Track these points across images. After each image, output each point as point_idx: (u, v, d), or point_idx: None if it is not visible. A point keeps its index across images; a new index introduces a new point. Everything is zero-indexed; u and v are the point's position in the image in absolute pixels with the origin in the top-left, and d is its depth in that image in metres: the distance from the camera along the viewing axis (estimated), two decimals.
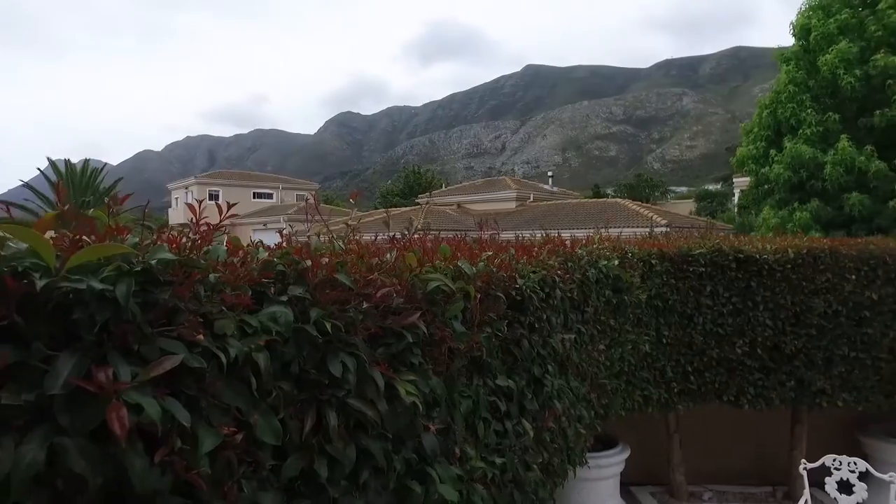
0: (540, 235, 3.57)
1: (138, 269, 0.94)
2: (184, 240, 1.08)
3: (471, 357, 1.82)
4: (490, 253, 2.08)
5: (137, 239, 0.99)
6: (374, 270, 1.43)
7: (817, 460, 3.95)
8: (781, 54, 13.98)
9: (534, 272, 2.38)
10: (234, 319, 1.01)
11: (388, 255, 1.59)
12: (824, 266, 4.68)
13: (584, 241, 3.78)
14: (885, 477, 3.84)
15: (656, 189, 55.12)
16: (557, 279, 2.60)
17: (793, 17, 14.04)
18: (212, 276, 1.05)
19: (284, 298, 1.17)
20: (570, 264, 2.92)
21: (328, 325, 1.18)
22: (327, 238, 1.63)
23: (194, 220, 1.12)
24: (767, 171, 12.94)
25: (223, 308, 1.03)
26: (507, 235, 3.96)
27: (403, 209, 25.63)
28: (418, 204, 32.94)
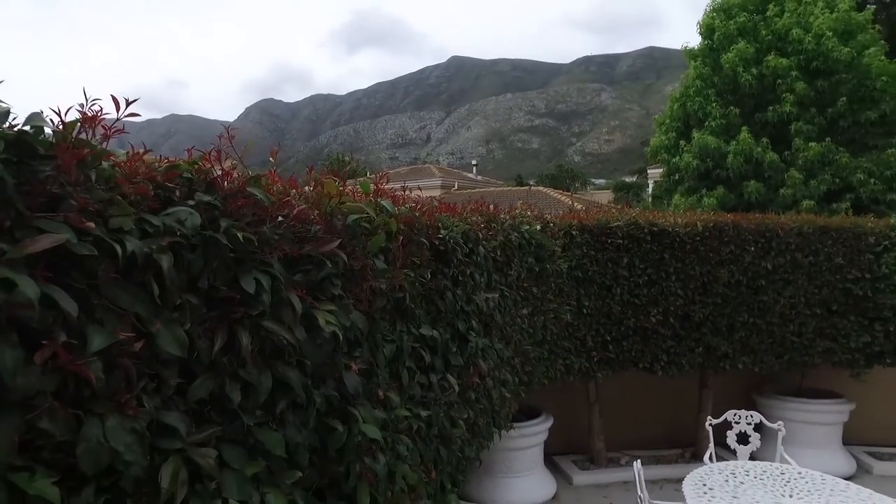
0: None
1: (10, 135, 0.81)
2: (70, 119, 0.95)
3: (394, 300, 1.78)
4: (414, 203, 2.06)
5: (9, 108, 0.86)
6: (290, 195, 1.37)
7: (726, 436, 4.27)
8: (690, 51, 14.84)
9: (457, 225, 2.38)
10: (133, 215, 0.91)
11: (307, 188, 1.53)
12: (728, 238, 5.01)
13: (507, 210, 3.83)
14: (774, 426, 4.21)
15: (576, 180, 57.19)
16: (481, 236, 2.62)
17: (700, 18, 14.92)
18: (106, 164, 0.95)
19: (192, 203, 1.08)
20: (493, 225, 2.94)
21: (240, 236, 1.10)
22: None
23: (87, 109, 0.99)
24: (678, 160, 13.66)
25: (119, 198, 0.92)
26: None
27: None
28: None
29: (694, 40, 15.23)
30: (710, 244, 4.97)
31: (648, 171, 31.97)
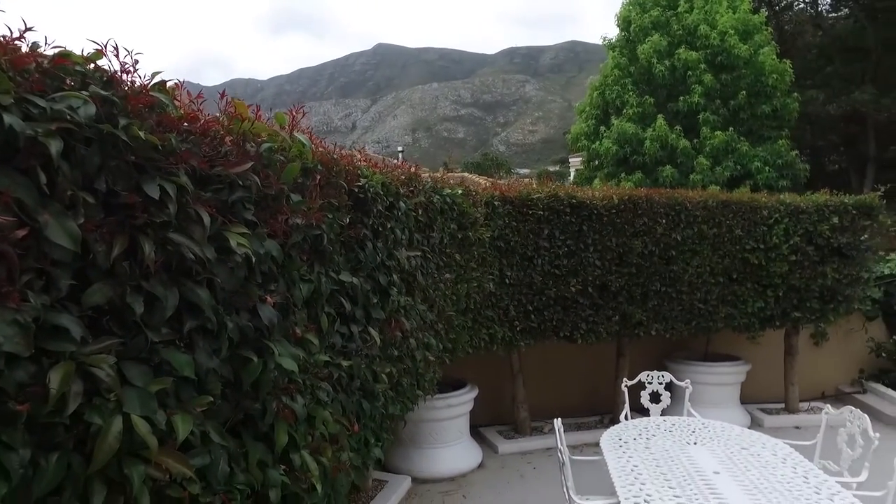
0: None
1: None
2: None
3: (311, 238, 1.75)
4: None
5: None
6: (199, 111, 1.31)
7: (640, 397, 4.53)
8: (609, 42, 15.45)
9: (376, 176, 2.37)
10: (12, 91, 0.84)
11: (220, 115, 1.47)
12: (642, 211, 5.27)
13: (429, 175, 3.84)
14: (682, 384, 4.51)
15: (501, 168, 58.16)
16: (402, 191, 2.62)
17: (618, 10, 15.54)
18: None
19: (86, 93, 1.00)
20: (413, 183, 2.95)
21: (142, 136, 1.05)
22: None
23: None
24: (598, 146, 14.21)
25: None
26: None
27: None
28: None
29: (613, 32, 15.84)
30: (625, 216, 5.22)
31: (570, 160, 33.00)
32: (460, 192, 3.82)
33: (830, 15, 21.84)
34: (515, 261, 5.00)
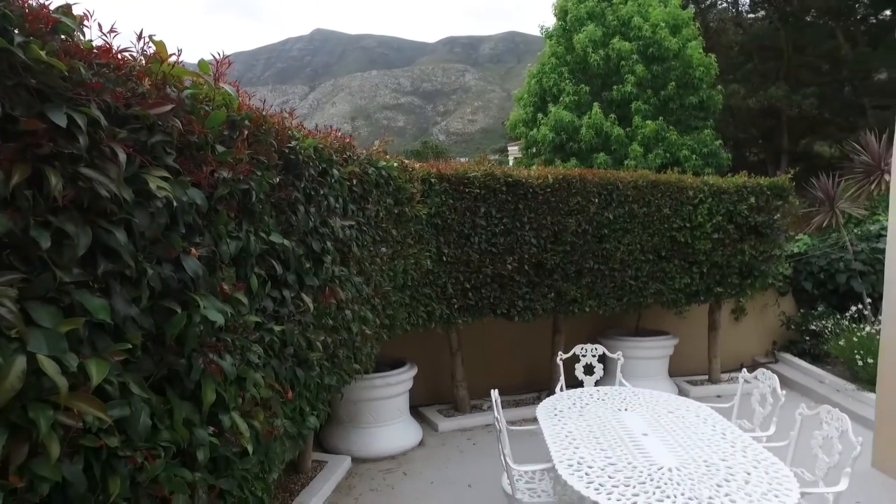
0: None
1: None
2: None
3: (239, 193, 1.71)
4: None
5: None
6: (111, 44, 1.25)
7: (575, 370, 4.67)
8: (546, 31, 15.71)
9: (307, 139, 2.33)
10: None
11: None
12: (575, 190, 5.41)
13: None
14: (614, 356, 4.69)
15: (441, 156, 58.39)
16: (335, 158, 2.58)
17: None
18: None
19: None
20: (347, 152, 2.92)
21: (43, 56, 0.99)
22: None
23: None
24: (535, 132, 14.46)
25: None
26: None
27: None
28: None
29: (551, 21, 16.13)
30: (559, 195, 5.35)
31: (508, 148, 33.46)
32: (395, 164, 3.80)
33: (750, 15, 23.08)
34: (452, 238, 5.04)
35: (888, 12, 19.36)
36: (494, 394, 3.65)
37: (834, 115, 19.32)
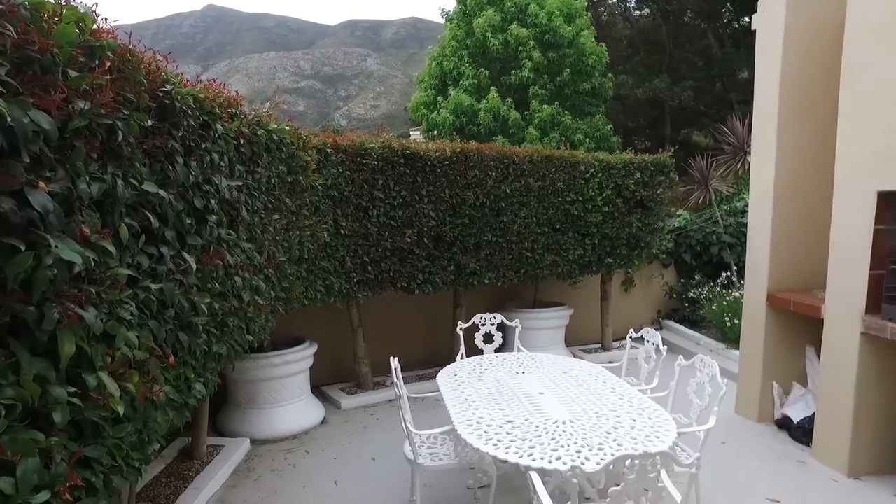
0: None
1: None
2: None
3: (102, 130, 1.55)
4: None
5: None
6: None
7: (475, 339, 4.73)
8: (447, 14, 15.77)
9: (184, 86, 2.17)
10: None
11: None
12: (473, 164, 5.49)
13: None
14: (512, 323, 4.83)
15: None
16: (219, 111, 2.43)
17: None
18: None
19: None
20: (232, 110, 2.77)
21: None
22: None
23: None
24: (436, 115, 14.51)
25: None
26: None
27: None
28: None
29: (451, 5, 16.20)
30: (457, 168, 5.40)
31: (411, 133, 33.46)
32: (287, 128, 3.66)
33: (636, 12, 24.49)
34: (350, 211, 4.95)
35: (747, 18, 21.27)
36: (394, 361, 3.64)
37: (708, 107, 20.97)
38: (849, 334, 4.07)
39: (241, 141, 2.82)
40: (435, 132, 15.28)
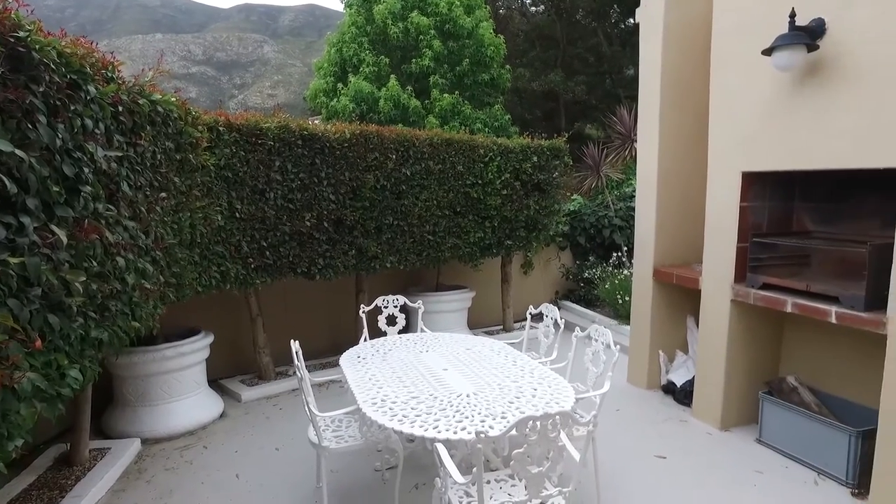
0: None
1: None
2: None
3: None
4: None
5: None
6: None
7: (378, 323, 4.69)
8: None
9: (44, 38, 1.96)
10: None
11: None
12: (373, 146, 5.43)
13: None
14: (415, 305, 4.86)
15: None
16: (90, 71, 2.22)
17: None
18: None
19: None
20: (107, 72, 2.54)
21: None
22: None
23: None
24: (336, 103, 14.21)
25: None
26: None
27: None
28: None
29: None
30: (357, 151, 5.32)
31: (310, 121, 32.63)
32: (173, 100, 3.42)
33: (532, 8, 25.32)
34: (246, 193, 4.74)
35: (632, 20, 22.70)
36: (295, 345, 3.54)
37: (599, 101, 22.15)
38: (721, 302, 4.47)
39: (120, 109, 2.59)
40: (335, 120, 14.96)
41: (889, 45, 3.26)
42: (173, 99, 3.40)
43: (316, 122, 18.07)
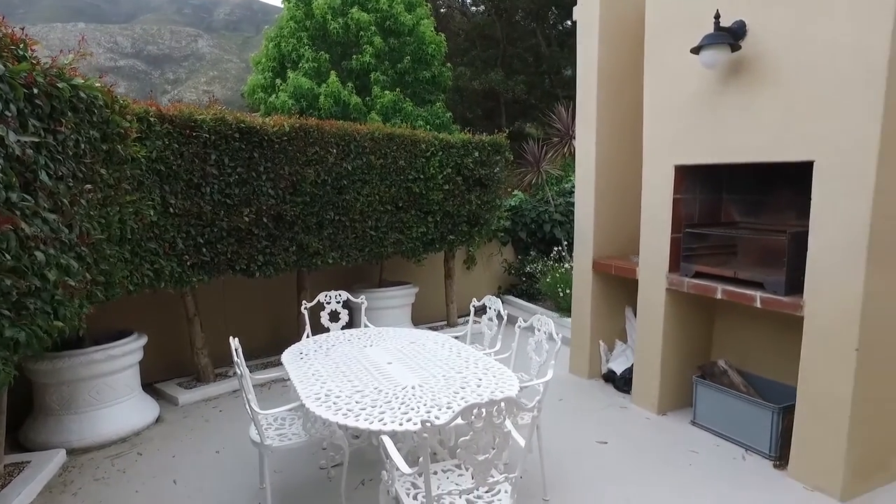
0: None
1: None
2: None
3: None
4: None
5: None
6: None
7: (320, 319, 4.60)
8: None
9: None
10: None
11: None
12: (313, 140, 5.33)
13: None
14: (358, 300, 4.82)
15: None
16: None
17: None
18: None
19: None
20: (19, 50, 2.37)
21: None
22: None
23: None
24: (275, 99, 13.88)
25: None
26: None
27: None
28: None
29: None
30: (297, 145, 5.21)
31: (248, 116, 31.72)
32: (98, 85, 3.23)
33: (473, 8, 25.54)
34: (180, 188, 4.54)
35: (570, 22, 23.28)
36: (234, 342, 3.44)
37: (538, 101, 22.59)
38: (657, 291, 4.64)
39: (35, 91, 2.43)
40: (273, 115, 14.61)
41: (802, 48, 3.48)
42: (98, 84, 3.22)
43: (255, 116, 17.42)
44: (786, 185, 4.19)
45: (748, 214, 4.57)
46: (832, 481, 3.44)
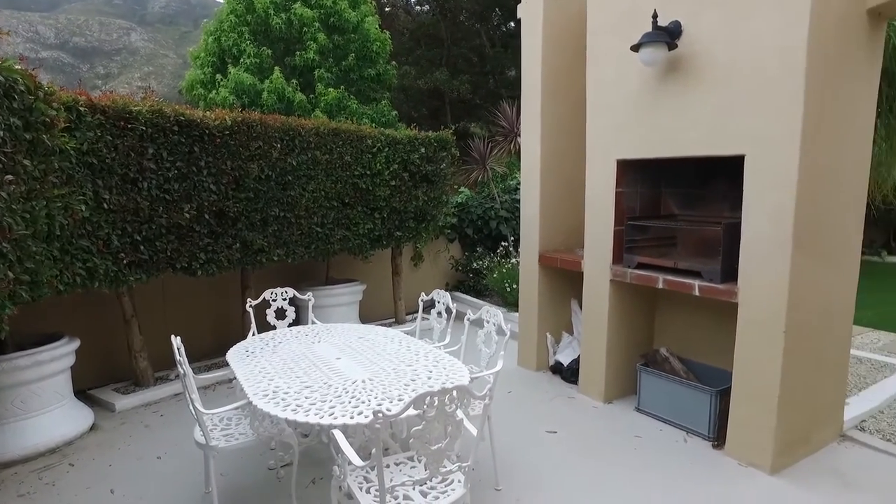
0: None
1: None
2: None
3: None
4: None
5: None
6: None
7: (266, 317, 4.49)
8: None
9: None
10: None
11: None
12: (256, 134, 5.18)
13: None
14: (305, 297, 4.73)
15: None
16: None
17: None
18: None
19: None
20: None
21: None
22: None
23: None
24: (215, 95, 13.44)
25: None
26: None
27: None
28: None
29: None
30: (239, 139, 5.06)
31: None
32: (18, 67, 3.03)
33: (417, 7, 25.54)
34: (115, 182, 4.32)
35: (512, 24, 23.64)
36: (176, 340, 3.31)
37: (483, 100, 22.82)
38: (601, 283, 4.77)
39: None
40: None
41: (731, 47, 3.66)
42: (17, 67, 3.02)
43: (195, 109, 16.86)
44: (721, 179, 4.40)
45: (686, 207, 4.77)
46: (763, 457, 3.64)
